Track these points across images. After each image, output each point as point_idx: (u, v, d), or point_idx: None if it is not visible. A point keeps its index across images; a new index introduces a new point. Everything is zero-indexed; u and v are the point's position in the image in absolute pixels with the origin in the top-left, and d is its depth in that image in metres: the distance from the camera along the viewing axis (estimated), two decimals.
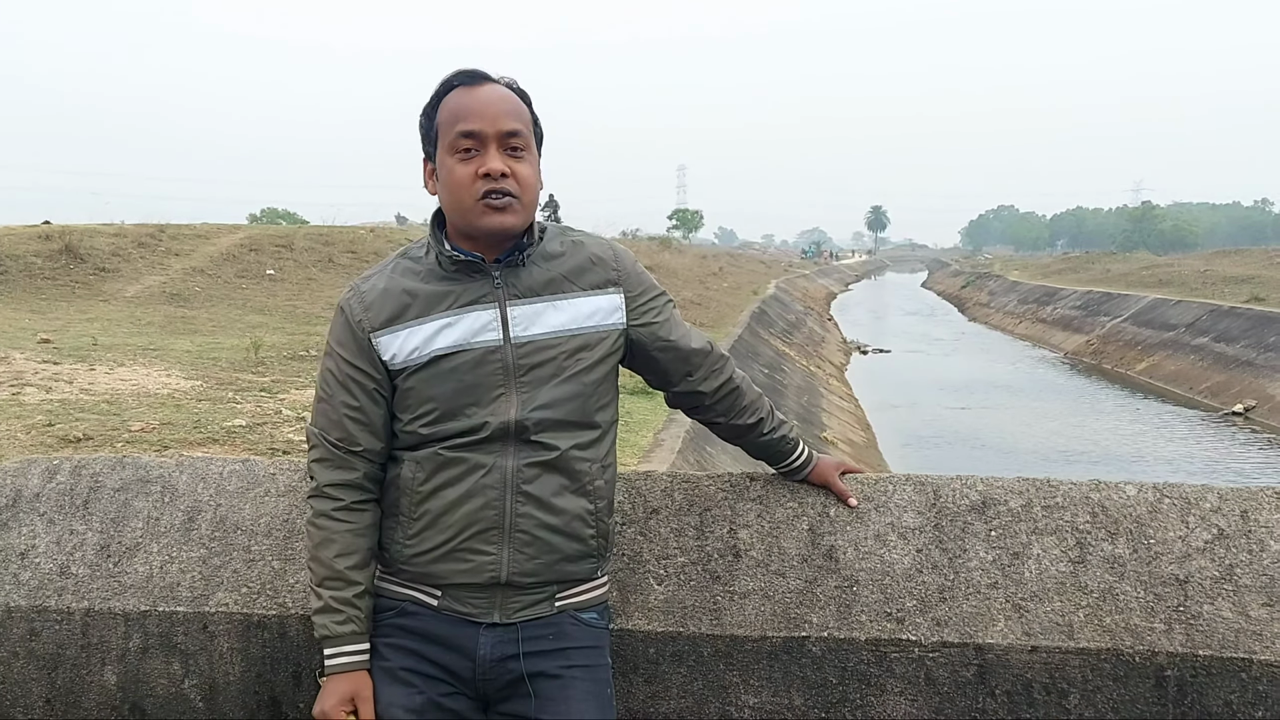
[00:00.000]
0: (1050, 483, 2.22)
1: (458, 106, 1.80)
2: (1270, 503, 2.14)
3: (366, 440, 1.85)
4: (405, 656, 1.84)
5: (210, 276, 16.80)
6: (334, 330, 1.90)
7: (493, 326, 1.82)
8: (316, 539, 1.85)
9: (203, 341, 11.25)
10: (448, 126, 1.80)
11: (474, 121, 1.78)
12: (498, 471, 1.80)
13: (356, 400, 1.85)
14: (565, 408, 1.83)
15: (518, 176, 1.79)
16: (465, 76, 1.82)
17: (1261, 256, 37.24)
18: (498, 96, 1.80)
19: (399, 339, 1.83)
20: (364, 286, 1.90)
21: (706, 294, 24.55)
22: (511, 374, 1.81)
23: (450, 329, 1.81)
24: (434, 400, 1.81)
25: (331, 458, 1.86)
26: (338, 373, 1.87)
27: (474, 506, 1.79)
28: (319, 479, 1.87)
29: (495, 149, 1.78)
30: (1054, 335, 31.32)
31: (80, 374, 8.37)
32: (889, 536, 2.17)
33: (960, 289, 55.92)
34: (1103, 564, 2.09)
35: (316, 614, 1.84)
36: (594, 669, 1.88)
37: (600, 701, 1.86)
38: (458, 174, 1.79)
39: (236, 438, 6.37)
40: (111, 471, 2.43)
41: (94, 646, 2.23)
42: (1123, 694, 1.98)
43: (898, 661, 2.04)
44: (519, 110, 1.82)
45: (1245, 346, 20.66)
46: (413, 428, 1.83)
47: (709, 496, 2.26)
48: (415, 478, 1.83)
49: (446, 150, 1.80)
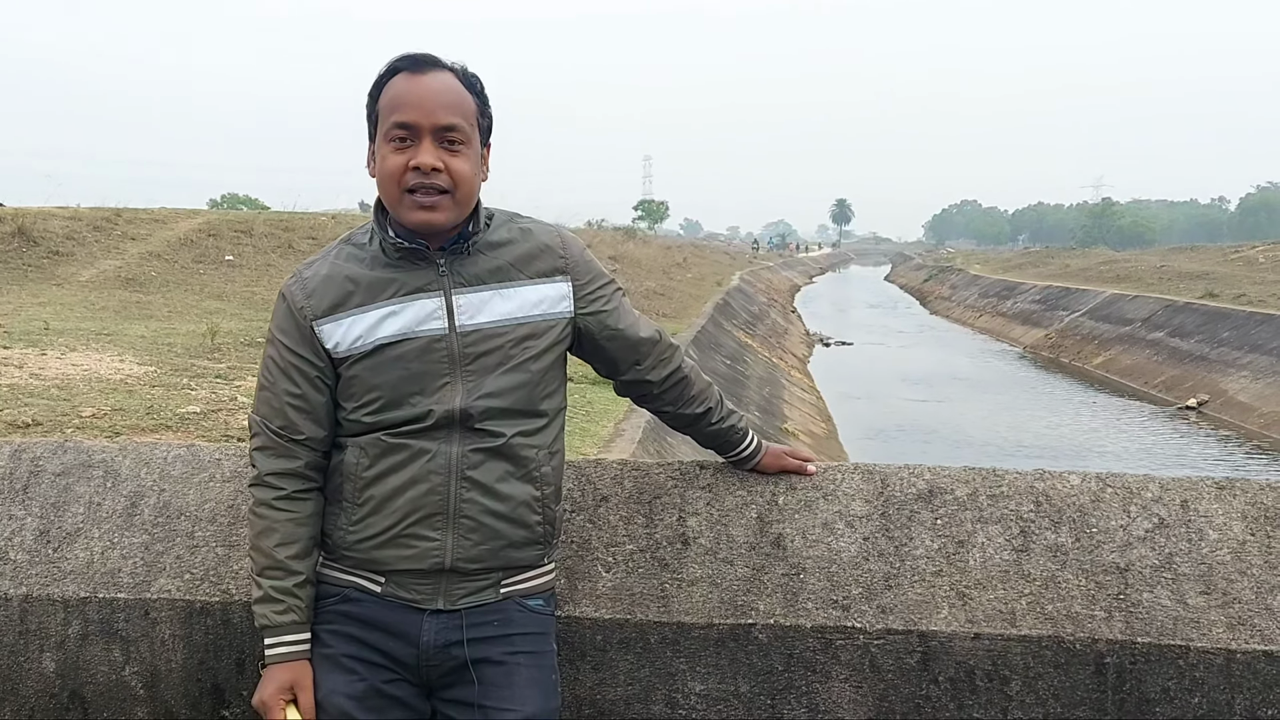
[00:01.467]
0: (996, 472, 2.24)
1: (397, 95, 1.77)
2: (1209, 493, 2.17)
3: (309, 429, 1.83)
4: (347, 644, 1.82)
5: (167, 261, 16.55)
6: (276, 318, 1.88)
7: (438, 315, 1.80)
8: (258, 528, 1.84)
9: (158, 327, 11.10)
10: (386, 114, 1.77)
11: (409, 113, 1.74)
12: (442, 457, 1.79)
13: (299, 388, 1.83)
14: (511, 396, 1.82)
15: (451, 171, 1.76)
16: (410, 62, 1.78)
17: (1216, 253, 37.89)
18: (438, 88, 1.76)
19: (341, 327, 1.81)
20: (306, 273, 1.87)
21: (670, 285, 24.57)
22: (457, 363, 1.80)
23: (394, 317, 1.80)
24: (378, 389, 1.79)
25: (273, 446, 1.84)
26: (280, 360, 1.84)
27: (418, 492, 1.78)
28: (260, 467, 1.85)
29: (429, 142, 1.75)
30: (1013, 329, 31.69)
31: (31, 359, 8.22)
32: (836, 525, 2.18)
33: (922, 283, 56.40)
34: (1046, 552, 2.11)
35: (257, 603, 1.82)
36: (539, 655, 1.87)
37: (544, 689, 1.85)
38: (389, 163, 1.76)
39: (190, 424, 6.29)
40: (53, 456, 2.38)
41: (32, 633, 2.19)
42: (1063, 681, 2.01)
43: (843, 649, 2.05)
44: (460, 102, 1.78)
45: (1199, 341, 21.03)
46: (356, 416, 1.82)
47: (659, 484, 2.26)
48: (359, 464, 1.81)
49: (383, 138, 1.78)
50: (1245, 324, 20.08)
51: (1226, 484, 2.19)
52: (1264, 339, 18.82)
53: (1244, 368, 18.57)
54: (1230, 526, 2.12)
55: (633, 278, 22.79)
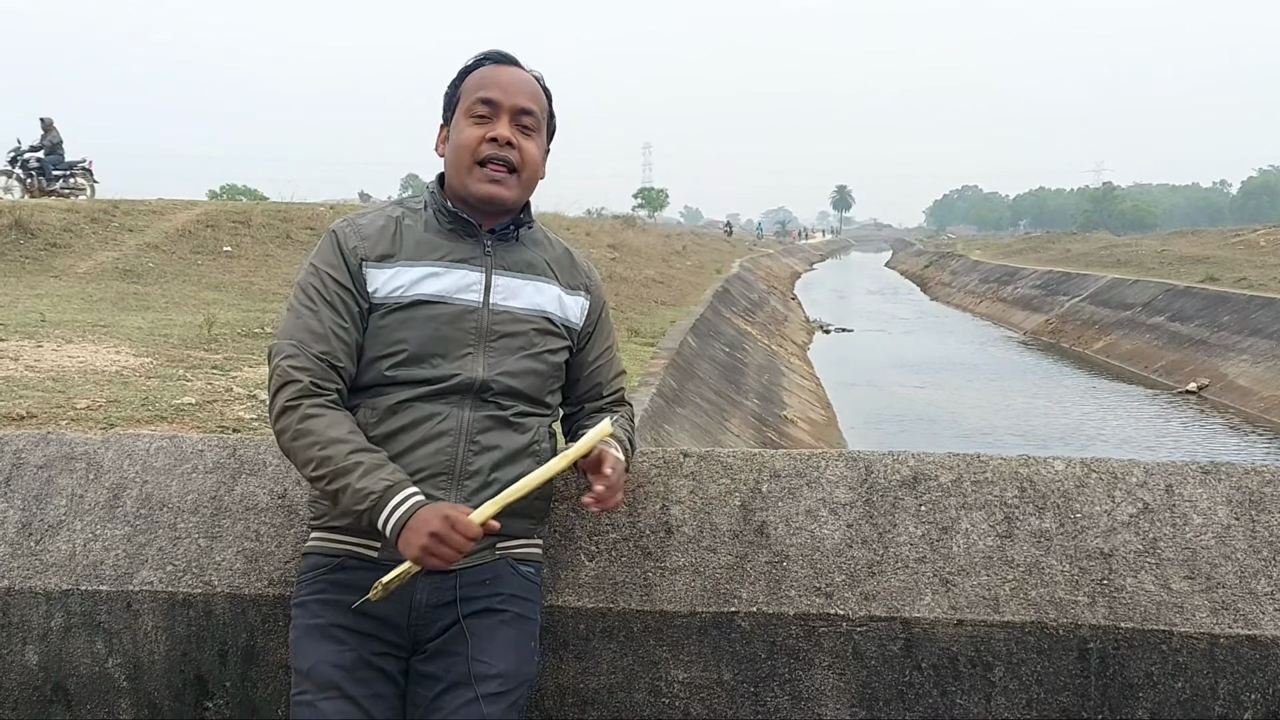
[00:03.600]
0: (980, 458, 2.23)
1: (483, 77, 1.94)
2: (1194, 477, 2.16)
3: (347, 361, 1.86)
4: (338, 613, 1.83)
5: (165, 253, 16.52)
6: (322, 253, 1.91)
7: (475, 288, 1.91)
8: (320, 425, 1.78)
9: (155, 318, 11.08)
10: (470, 92, 1.93)
11: (494, 91, 1.91)
12: (454, 420, 1.85)
13: (344, 322, 1.86)
14: (526, 380, 1.92)
15: (522, 151, 1.91)
16: (497, 55, 1.96)
17: (1217, 237, 37.78)
18: (523, 78, 1.95)
19: (386, 274, 1.88)
20: (361, 221, 1.96)
21: (669, 273, 24.53)
22: (483, 337, 1.89)
23: (436, 278, 1.89)
24: (405, 343, 1.86)
25: (313, 366, 1.82)
26: (325, 291, 1.86)
27: (427, 451, 1.83)
28: (305, 378, 1.80)
29: (507, 119, 1.90)
30: (1014, 314, 31.64)
31: (26, 351, 8.21)
32: (820, 512, 2.17)
33: (923, 269, 56.30)
34: (1030, 538, 2.10)
35: (361, 478, 1.74)
36: (524, 620, 1.91)
37: (522, 653, 1.88)
38: (466, 134, 1.90)
39: (185, 415, 6.28)
40: (35, 448, 2.38)
41: (14, 626, 2.19)
42: (1046, 666, 2.00)
43: (826, 636, 2.05)
44: (537, 94, 1.96)
45: (1199, 326, 20.98)
46: (378, 367, 1.86)
47: (642, 473, 2.25)
48: (368, 422, 1.85)
49: (463, 113, 1.92)
50: (1246, 308, 20.03)
51: (1212, 468, 2.18)
52: (1264, 323, 18.77)
53: (1244, 352, 18.53)
54: (1215, 511, 2.11)
55: (632, 266, 22.75)
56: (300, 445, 1.79)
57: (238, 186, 74.34)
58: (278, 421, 1.82)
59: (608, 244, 26.31)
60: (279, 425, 1.82)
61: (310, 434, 1.78)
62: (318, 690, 1.78)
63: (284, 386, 1.81)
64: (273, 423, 1.84)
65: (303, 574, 1.92)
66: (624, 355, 10.67)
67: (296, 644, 1.85)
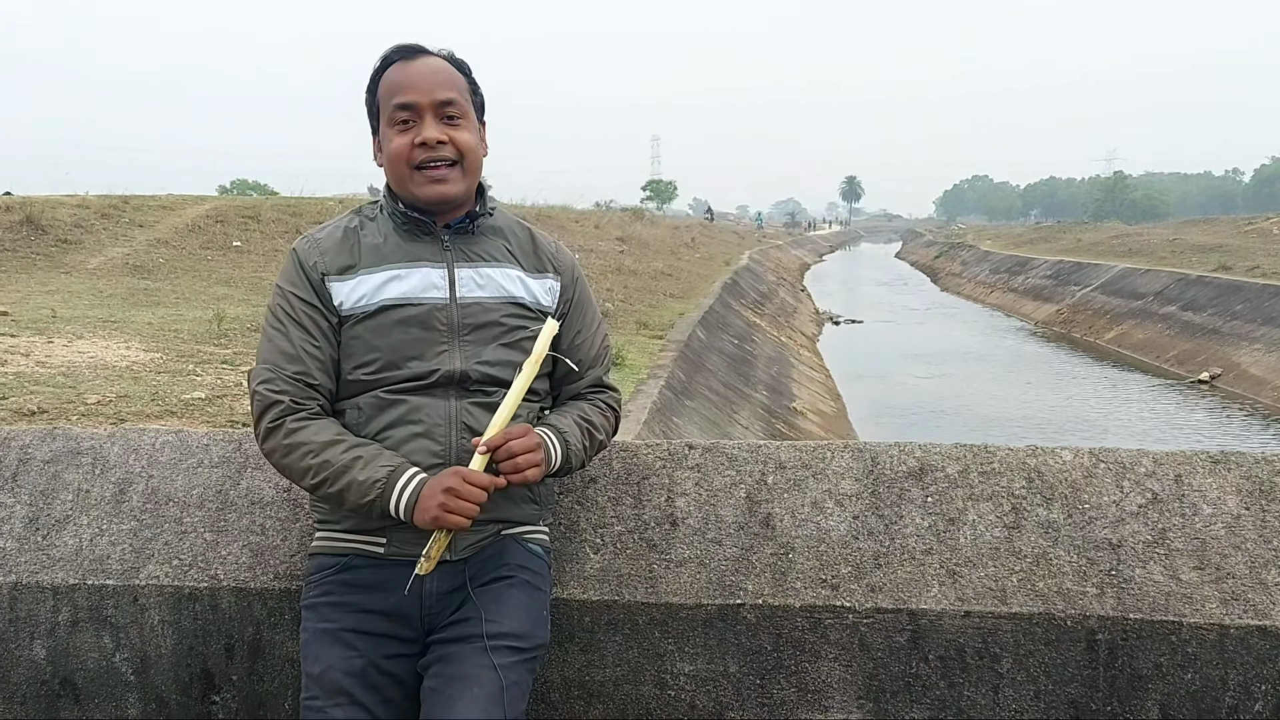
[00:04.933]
0: (987, 449, 2.22)
1: (394, 81, 1.89)
2: (1204, 467, 2.15)
3: (322, 378, 1.87)
4: (348, 615, 1.84)
5: (175, 248, 16.57)
6: (285, 274, 1.93)
7: (440, 285, 1.90)
8: (307, 437, 1.80)
9: (165, 314, 11.11)
10: (386, 100, 1.90)
11: (409, 94, 1.87)
12: (441, 410, 1.86)
13: (314, 339, 1.87)
14: (506, 368, 1.90)
15: (456, 143, 1.88)
16: (401, 51, 1.91)
17: (1229, 225, 37.56)
18: (431, 69, 1.89)
19: (349, 285, 1.88)
20: (319, 235, 1.96)
21: (678, 265, 24.49)
22: (455, 332, 1.88)
23: (399, 281, 1.88)
24: (378, 350, 1.87)
25: (291, 389, 1.84)
26: (292, 312, 1.88)
27: (419, 444, 1.84)
28: (285, 399, 1.82)
29: (431, 119, 1.87)
30: (1025, 305, 31.51)
31: (37, 347, 8.25)
32: (826, 504, 2.16)
33: (933, 259, 56.10)
34: (1037, 529, 2.09)
35: (363, 469, 1.77)
36: (535, 588, 1.92)
37: (535, 617, 1.88)
38: (396, 144, 1.88)
39: (195, 410, 6.30)
40: (41, 443, 2.38)
41: (22, 620, 2.19)
42: (1054, 658, 1.99)
43: (832, 628, 2.04)
44: (453, 79, 1.91)
45: (1212, 315, 20.87)
46: (355, 375, 1.87)
47: (647, 465, 2.25)
48: (358, 422, 1.87)
49: (387, 123, 1.90)
50: (1259, 297, 19.90)
51: (1221, 457, 2.16)
52: (1278, 312, 18.66)
53: (1257, 341, 18.42)
54: (1225, 501, 2.09)
55: (640, 258, 22.72)
56: (293, 459, 1.81)
57: (248, 181, 74.45)
58: (265, 443, 1.85)
59: (616, 237, 26.28)
60: (267, 446, 1.85)
61: (301, 445, 1.80)
62: (327, 697, 1.79)
63: (265, 411, 1.84)
64: (261, 446, 1.87)
65: (310, 575, 1.92)
66: (632, 348, 10.67)
67: (306, 647, 1.85)
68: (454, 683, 1.75)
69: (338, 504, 1.82)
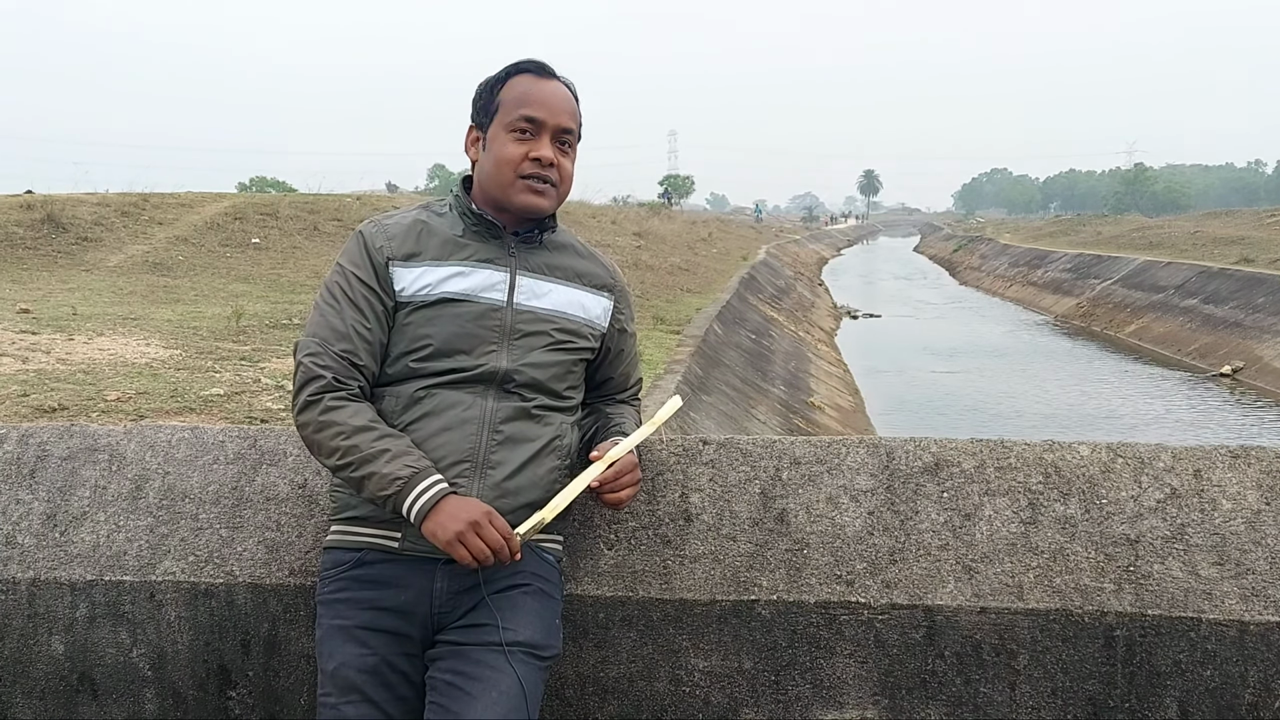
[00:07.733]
0: (1004, 444, 2.20)
1: (525, 92, 1.94)
2: (1223, 461, 2.12)
3: (367, 359, 1.89)
4: (361, 612, 1.85)
5: (194, 245, 16.67)
6: (349, 253, 1.95)
7: (500, 287, 1.94)
8: (343, 417, 1.82)
9: (184, 310, 11.18)
10: (511, 106, 1.94)
11: (539, 110, 1.93)
12: (477, 408, 1.88)
13: (366, 320, 1.89)
14: (549, 372, 1.94)
15: (560, 169, 1.96)
16: (536, 66, 1.98)
17: (1251, 218, 37.20)
18: (563, 95, 1.97)
19: (413, 273, 1.92)
20: (387, 221, 1.99)
21: (695, 260, 24.46)
22: (506, 335, 1.92)
23: (462, 278, 1.93)
24: (430, 339, 1.89)
25: (336, 365, 1.86)
26: (349, 291, 1.91)
27: (451, 438, 1.86)
28: (328, 375, 1.84)
29: (549, 139, 1.94)
30: (1044, 298, 31.33)
31: (58, 344, 8.31)
32: (841, 499, 2.15)
33: (952, 253, 55.82)
34: (1054, 524, 2.07)
35: (388, 463, 1.78)
36: (547, 597, 1.93)
37: (547, 626, 1.89)
38: (509, 150, 1.93)
39: (214, 406, 6.33)
40: (59, 440, 2.40)
41: (40, 616, 2.21)
42: (1072, 654, 1.98)
43: (847, 624, 2.03)
44: (575, 111, 2.00)
45: (1234, 308, 20.68)
46: (403, 361, 1.90)
47: (661, 461, 2.24)
48: (393, 410, 1.89)
49: (504, 127, 1.94)
50: None
51: (1241, 452, 2.14)
52: None
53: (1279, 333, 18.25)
54: (1244, 496, 2.07)
55: (658, 253, 22.70)
56: (324, 436, 1.82)
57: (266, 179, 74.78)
58: (300, 415, 1.86)
59: (633, 232, 26.27)
60: (301, 419, 1.86)
61: (334, 425, 1.82)
62: (341, 694, 1.81)
63: (307, 383, 1.85)
64: (295, 417, 1.87)
65: (325, 570, 1.93)
66: (649, 343, 10.66)
67: (321, 644, 1.87)
68: (473, 680, 1.76)
69: (357, 490, 1.84)
